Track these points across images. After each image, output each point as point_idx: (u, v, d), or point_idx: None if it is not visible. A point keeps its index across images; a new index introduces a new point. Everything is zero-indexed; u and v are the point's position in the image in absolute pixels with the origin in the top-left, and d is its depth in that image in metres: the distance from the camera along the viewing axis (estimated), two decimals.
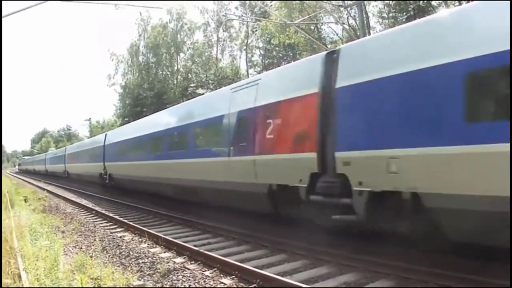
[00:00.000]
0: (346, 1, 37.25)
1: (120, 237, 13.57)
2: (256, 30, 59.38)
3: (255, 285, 7.97)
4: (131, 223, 15.65)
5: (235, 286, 8.13)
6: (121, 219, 17.07)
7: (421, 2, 35.93)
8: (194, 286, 8.17)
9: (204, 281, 8.36)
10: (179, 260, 10.25)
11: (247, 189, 12.62)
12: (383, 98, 8.74)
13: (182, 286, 8.18)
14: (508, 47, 6.57)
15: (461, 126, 7.26)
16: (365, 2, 33.64)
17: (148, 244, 12.29)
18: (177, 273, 8.93)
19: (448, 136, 7.44)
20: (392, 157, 8.31)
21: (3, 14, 15.79)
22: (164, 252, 11.22)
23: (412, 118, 8.14)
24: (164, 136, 20.20)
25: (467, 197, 7.14)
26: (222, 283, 8.27)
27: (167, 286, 8.37)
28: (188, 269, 9.27)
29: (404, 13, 37.46)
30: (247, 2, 58.43)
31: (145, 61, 69.65)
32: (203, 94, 22.49)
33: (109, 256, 11.03)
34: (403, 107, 8.37)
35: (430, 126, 7.79)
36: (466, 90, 7.25)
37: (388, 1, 39.93)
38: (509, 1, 6.96)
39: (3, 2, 13.74)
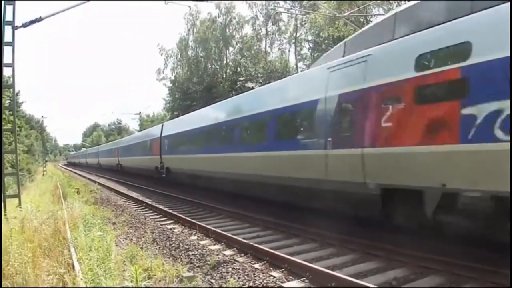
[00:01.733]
0: None
1: (170, 229, 13.74)
2: (305, 23, 58.89)
3: (304, 278, 7.94)
4: (181, 215, 15.82)
5: (284, 279, 8.10)
6: (171, 211, 17.26)
7: None
8: (243, 278, 8.20)
9: (254, 274, 8.38)
10: (228, 252, 10.30)
11: None
12: None
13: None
14: None
15: None
16: None
17: (198, 237, 12.39)
18: (227, 265, 8.99)
19: None
20: None
21: (54, 12, 16.15)
22: (214, 245, 11.29)
23: None
24: None
25: None
26: (271, 276, 8.26)
27: (217, 277, 8.42)
28: (238, 261, 9.32)
29: None
30: None
31: (194, 55, 69.89)
32: (252, 88, 21.41)
33: (159, 247, 11.20)
34: None
35: None
36: None
37: None
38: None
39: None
